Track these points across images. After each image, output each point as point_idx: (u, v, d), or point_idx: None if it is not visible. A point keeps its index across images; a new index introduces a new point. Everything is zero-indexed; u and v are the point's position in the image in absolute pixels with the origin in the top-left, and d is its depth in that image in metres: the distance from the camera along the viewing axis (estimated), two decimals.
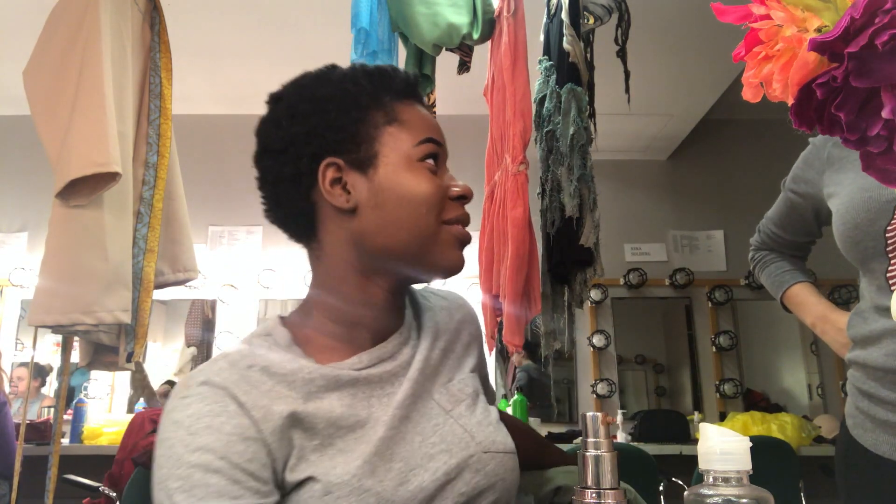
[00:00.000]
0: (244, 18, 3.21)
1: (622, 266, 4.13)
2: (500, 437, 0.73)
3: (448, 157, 0.75)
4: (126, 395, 3.83)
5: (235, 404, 0.60)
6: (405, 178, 0.68)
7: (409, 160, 0.69)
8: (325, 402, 0.65)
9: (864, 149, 0.46)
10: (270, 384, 0.63)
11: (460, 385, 0.75)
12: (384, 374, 0.70)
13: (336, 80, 0.73)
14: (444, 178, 0.72)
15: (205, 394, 0.61)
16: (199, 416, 0.59)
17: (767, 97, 0.50)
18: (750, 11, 0.49)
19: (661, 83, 3.57)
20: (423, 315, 0.79)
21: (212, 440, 0.58)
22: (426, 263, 0.70)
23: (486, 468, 0.69)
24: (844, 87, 0.43)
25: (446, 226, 0.70)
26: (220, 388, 0.61)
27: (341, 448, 0.63)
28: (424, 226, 0.68)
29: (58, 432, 1.82)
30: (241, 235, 4.03)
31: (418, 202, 0.68)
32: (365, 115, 0.70)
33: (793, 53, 0.47)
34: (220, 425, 0.59)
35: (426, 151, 0.70)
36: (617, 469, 0.52)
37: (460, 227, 0.71)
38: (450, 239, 0.70)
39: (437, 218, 0.69)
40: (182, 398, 0.61)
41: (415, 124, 0.71)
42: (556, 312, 1.91)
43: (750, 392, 4.05)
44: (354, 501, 0.61)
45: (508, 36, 1.89)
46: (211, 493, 0.56)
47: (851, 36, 0.42)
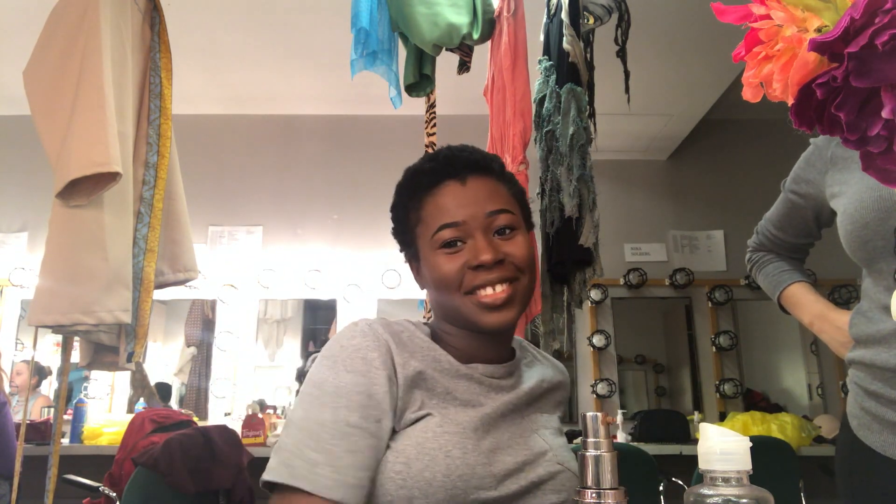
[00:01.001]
0: (244, 18, 3.21)
1: (622, 266, 4.13)
2: (573, 462, 0.85)
3: (482, 219, 0.83)
4: (126, 395, 3.82)
5: (386, 349, 0.78)
6: (430, 265, 0.84)
7: (432, 251, 0.84)
8: (446, 380, 0.80)
9: (864, 149, 0.46)
10: (412, 348, 0.80)
11: (550, 420, 0.90)
12: (493, 384, 0.84)
13: (399, 187, 0.90)
14: (466, 252, 0.82)
15: (367, 332, 0.79)
16: (359, 348, 0.77)
17: (767, 97, 0.50)
18: (750, 11, 0.49)
19: (661, 83, 3.57)
20: (534, 363, 0.95)
21: (363, 368, 0.76)
22: (469, 327, 0.84)
23: (555, 476, 0.82)
24: (844, 87, 0.43)
25: (469, 296, 0.81)
26: (379, 334, 0.79)
27: (454, 411, 0.79)
28: (450, 300, 0.83)
29: (58, 432, 1.82)
30: (241, 235, 4.03)
31: (440, 283, 0.83)
32: (405, 220, 0.88)
33: (793, 53, 0.47)
34: (373, 359, 0.76)
35: (441, 239, 0.83)
36: (617, 469, 0.52)
37: (484, 293, 0.81)
38: (473, 308, 0.81)
39: (457, 291, 0.82)
40: (350, 331, 0.79)
41: (433, 216, 0.84)
42: (555, 312, 1.91)
43: (750, 392, 4.05)
44: (457, 442, 0.75)
45: (508, 36, 1.89)
46: (351, 404, 0.74)
47: (851, 36, 0.42)
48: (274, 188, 4.09)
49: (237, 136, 4.19)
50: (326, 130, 4.17)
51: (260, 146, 4.18)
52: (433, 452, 0.74)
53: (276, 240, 4.03)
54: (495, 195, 0.85)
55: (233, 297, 3.94)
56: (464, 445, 0.75)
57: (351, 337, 0.78)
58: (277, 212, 4.04)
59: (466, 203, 0.83)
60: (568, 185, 1.75)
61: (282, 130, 4.19)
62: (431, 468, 0.73)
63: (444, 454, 0.74)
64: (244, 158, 4.16)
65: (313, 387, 0.76)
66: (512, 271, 0.82)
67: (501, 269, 0.81)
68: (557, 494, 0.81)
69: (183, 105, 2.48)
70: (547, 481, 0.80)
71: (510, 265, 0.82)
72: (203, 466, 1.64)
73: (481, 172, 0.87)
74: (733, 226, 4.26)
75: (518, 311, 0.84)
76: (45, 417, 3.53)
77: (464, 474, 0.74)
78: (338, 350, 0.77)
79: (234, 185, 4.11)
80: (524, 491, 0.78)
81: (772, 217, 1.33)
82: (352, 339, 0.78)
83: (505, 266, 0.82)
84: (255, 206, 4.06)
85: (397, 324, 0.84)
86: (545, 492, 0.80)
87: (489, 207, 0.83)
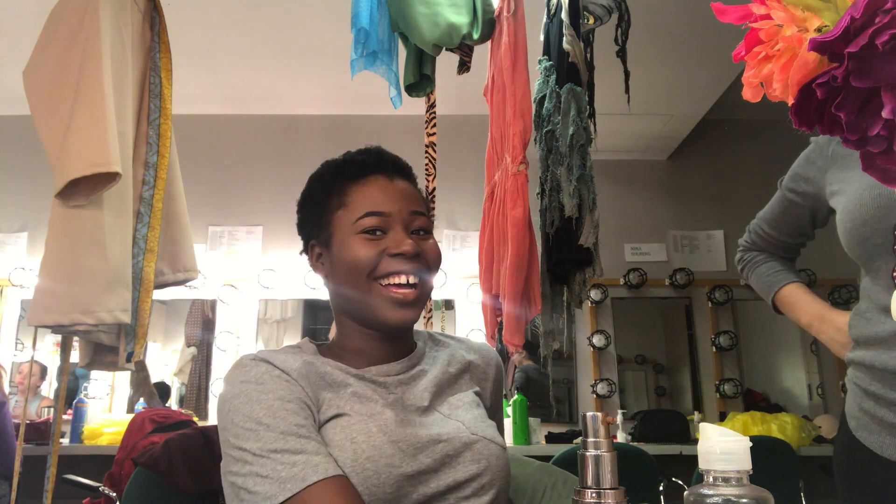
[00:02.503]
0: (244, 18, 3.21)
1: (622, 266, 4.13)
2: (493, 433, 0.86)
3: (406, 216, 0.88)
4: (126, 395, 3.82)
5: (278, 370, 0.80)
6: (347, 248, 0.85)
7: (350, 234, 0.86)
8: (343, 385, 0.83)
9: (864, 149, 0.46)
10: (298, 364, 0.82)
11: (463, 396, 0.90)
12: (389, 381, 0.86)
13: (312, 180, 0.94)
14: (386, 241, 0.85)
15: (257, 363, 0.81)
16: (262, 373, 0.79)
17: (767, 97, 0.50)
18: (750, 11, 0.49)
19: (661, 83, 3.57)
20: (442, 350, 0.96)
21: (278, 384, 0.78)
22: (370, 322, 0.87)
23: (471, 446, 0.82)
24: (844, 87, 0.43)
25: (378, 284, 0.84)
26: (262, 360, 0.81)
27: (358, 407, 0.81)
28: (357, 287, 0.85)
29: (57, 432, 1.82)
30: (241, 235, 4.03)
31: (353, 266, 0.85)
32: (324, 204, 0.90)
33: (793, 53, 0.47)
34: (278, 375, 0.79)
35: (364, 225, 0.85)
36: (617, 469, 0.51)
37: (395, 282, 0.84)
38: (380, 299, 0.84)
39: (368, 277, 0.84)
40: (242, 367, 0.81)
41: (359, 202, 0.87)
42: (555, 312, 1.91)
43: (750, 392, 4.05)
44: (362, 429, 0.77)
45: (508, 36, 1.89)
46: (293, 410, 0.76)
47: (851, 36, 0.42)
48: (274, 188, 4.09)
49: (237, 136, 4.19)
50: (326, 130, 4.17)
51: (260, 146, 4.18)
52: (341, 443, 0.76)
53: (276, 240, 4.03)
54: (416, 199, 0.91)
55: (233, 297, 3.94)
56: (368, 430, 0.77)
57: (247, 371, 0.80)
58: (277, 212, 4.03)
59: (393, 198, 0.88)
60: (568, 185, 1.75)
61: (282, 130, 4.19)
62: (340, 457, 0.75)
63: (349, 441, 0.76)
64: (244, 158, 4.16)
65: (247, 423, 0.75)
66: (425, 267, 0.87)
67: (417, 263, 0.86)
68: (477, 464, 0.81)
69: (183, 105, 2.48)
70: (463, 452, 0.81)
71: (424, 262, 0.87)
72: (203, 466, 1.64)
73: (405, 177, 0.93)
74: (733, 226, 4.26)
75: (419, 311, 0.87)
76: (45, 417, 3.53)
77: (371, 455, 0.75)
78: (243, 387, 0.78)
79: (234, 185, 4.11)
80: (440, 463, 0.79)
81: (766, 215, 1.32)
82: (248, 371, 0.80)
83: (420, 260, 0.86)
84: (255, 206, 4.05)
85: (275, 351, 0.85)
86: (463, 462, 0.81)
87: (412, 207, 0.89)
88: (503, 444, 0.87)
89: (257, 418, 0.74)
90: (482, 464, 0.82)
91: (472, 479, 0.81)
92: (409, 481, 0.77)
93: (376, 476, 0.75)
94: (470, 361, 0.96)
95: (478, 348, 1.00)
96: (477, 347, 1.00)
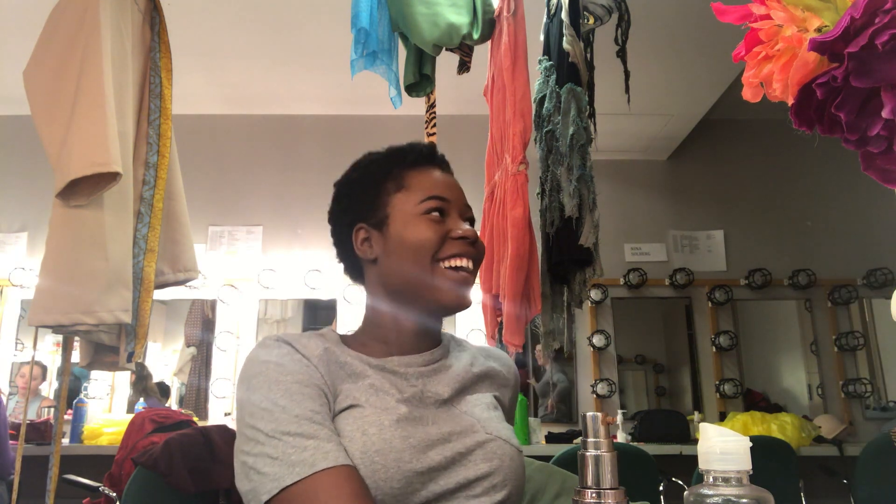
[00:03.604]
0: (244, 18, 3.21)
1: (622, 266, 4.13)
2: (508, 434, 0.86)
3: (462, 205, 0.92)
4: (126, 395, 3.82)
5: (299, 354, 0.81)
6: (408, 229, 0.87)
7: (414, 215, 0.88)
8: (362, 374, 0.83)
9: (864, 149, 0.46)
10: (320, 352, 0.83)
11: (481, 397, 0.90)
12: (410, 372, 0.86)
13: (362, 165, 0.95)
14: (449, 224, 0.89)
15: (280, 343, 0.82)
16: (283, 355, 0.80)
17: (767, 97, 0.50)
18: (750, 11, 0.49)
19: (661, 83, 3.57)
20: (464, 351, 0.96)
21: (298, 367, 0.79)
22: (427, 301, 0.87)
23: (484, 445, 0.82)
24: (844, 87, 0.43)
25: (442, 265, 0.86)
26: (285, 342, 0.82)
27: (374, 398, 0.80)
28: (419, 266, 0.86)
29: (58, 432, 1.82)
30: (241, 235, 4.03)
31: (419, 246, 0.86)
32: (379, 187, 0.91)
33: (793, 53, 0.47)
34: (299, 359, 0.80)
35: (429, 206, 0.88)
36: (617, 469, 0.51)
37: (457, 265, 0.87)
38: (441, 279, 0.86)
39: (430, 258, 0.86)
40: (265, 347, 0.81)
41: (422, 186, 0.90)
42: (555, 312, 1.91)
43: (750, 392, 4.04)
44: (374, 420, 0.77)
45: (508, 36, 1.89)
46: (310, 395, 0.76)
47: (851, 36, 0.42)
48: (274, 188, 4.09)
49: (237, 136, 4.19)
50: (326, 130, 4.17)
51: (260, 146, 4.18)
52: (352, 434, 0.76)
53: (276, 240, 4.03)
54: (464, 194, 0.95)
55: (233, 297, 3.94)
56: (380, 423, 0.77)
57: (269, 351, 0.80)
58: (277, 212, 4.04)
59: (451, 187, 0.92)
60: (568, 185, 1.75)
61: (282, 130, 4.19)
62: (350, 448, 0.75)
63: (360, 433, 0.76)
64: (244, 158, 4.16)
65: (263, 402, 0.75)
66: (479, 254, 0.91)
67: (475, 248, 0.90)
68: (488, 463, 0.80)
69: (183, 105, 2.47)
70: (475, 450, 0.80)
71: (479, 249, 0.91)
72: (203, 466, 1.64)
73: (452, 174, 0.97)
74: (733, 226, 4.26)
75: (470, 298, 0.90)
76: (45, 417, 3.53)
77: (381, 449, 0.75)
78: (263, 367, 0.78)
79: (234, 185, 4.11)
80: (451, 461, 0.78)
81: None
82: (270, 352, 0.80)
83: (477, 246, 0.90)
84: (255, 206, 4.05)
85: (298, 335, 0.85)
86: (475, 461, 0.80)
87: (465, 200, 0.93)
88: (519, 447, 0.86)
89: (274, 399, 0.74)
90: (494, 463, 0.81)
91: (482, 477, 0.79)
92: (418, 478, 0.76)
93: (384, 470, 0.74)
94: (491, 367, 0.96)
95: (497, 356, 1.01)
96: (497, 355, 1.01)
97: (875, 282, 4.00)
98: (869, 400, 3.96)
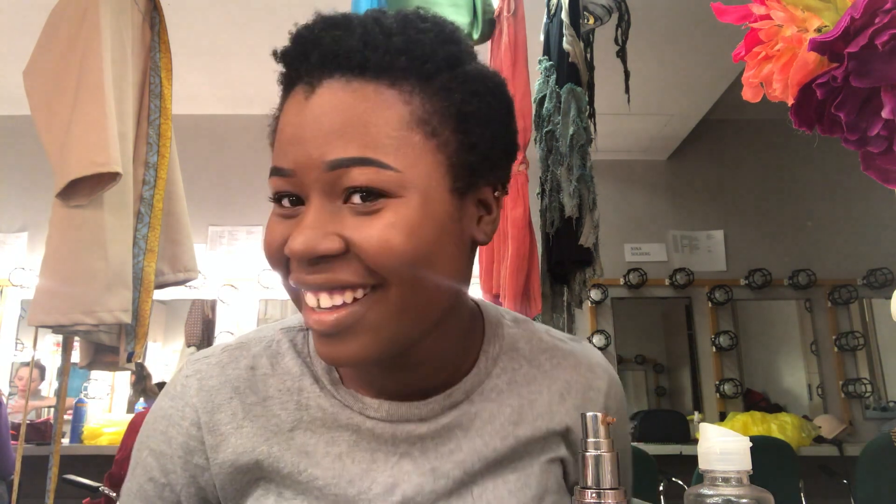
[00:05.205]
0: (244, 18, 3.21)
1: (622, 266, 4.13)
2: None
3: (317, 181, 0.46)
4: (126, 395, 3.82)
5: (178, 417, 0.55)
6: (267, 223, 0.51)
7: (271, 199, 0.50)
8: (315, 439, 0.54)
9: (864, 149, 0.46)
10: (265, 396, 0.55)
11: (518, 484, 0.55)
12: (397, 433, 0.54)
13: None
14: (297, 223, 0.47)
15: (176, 387, 0.57)
16: (166, 409, 0.57)
17: (767, 97, 0.50)
18: (750, 11, 0.49)
19: (661, 83, 3.57)
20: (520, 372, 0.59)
21: (161, 448, 0.56)
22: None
23: None
24: (844, 87, 0.43)
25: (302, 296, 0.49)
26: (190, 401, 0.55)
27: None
28: (289, 293, 0.51)
29: (58, 432, 1.82)
30: (241, 235, 4.03)
31: (267, 258, 0.50)
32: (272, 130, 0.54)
33: (793, 53, 0.47)
34: (174, 431, 0.55)
35: (271, 189, 0.49)
36: (617, 469, 0.51)
37: (308, 303, 0.48)
38: (308, 321, 0.49)
39: (285, 279, 0.50)
40: (174, 378, 0.58)
41: (277, 143, 0.50)
42: (555, 312, 1.91)
43: (750, 392, 4.05)
44: None
45: (508, 36, 1.89)
46: (143, 495, 0.56)
47: (851, 36, 0.42)
48: None
49: (238, 136, 4.19)
50: None
51: (260, 146, 4.13)
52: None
53: None
54: (359, 122, 0.46)
55: (233, 297, 3.94)
56: None
57: (167, 390, 0.58)
58: None
59: (303, 135, 0.47)
60: (568, 185, 1.75)
61: None
62: None
63: None
64: (244, 158, 4.16)
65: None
66: (357, 273, 0.46)
67: (327, 270, 0.46)
68: None
69: (183, 105, 2.47)
70: None
71: (356, 262, 0.46)
72: None
73: (348, 71, 0.47)
74: (733, 226, 4.26)
75: (382, 338, 0.47)
76: (45, 417, 3.53)
77: None
78: (150, 414, 0.58)
79: (234, 185, 4.11)
80: None
81: None
82: (165, 393, 0.58)
83: (339, 264, 0.46)
84: (255, 206, 4.05)
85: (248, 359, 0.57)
86: None
87: (334, 152, 0.45)
88: None
89: (132, 487, 0.56)
90: None
91: None
92: None
93: None
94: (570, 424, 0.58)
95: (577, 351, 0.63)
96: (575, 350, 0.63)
97: (875, 282, 4.00)
98: (869, 400, 3.96)
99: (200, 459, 0.54)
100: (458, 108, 0.48)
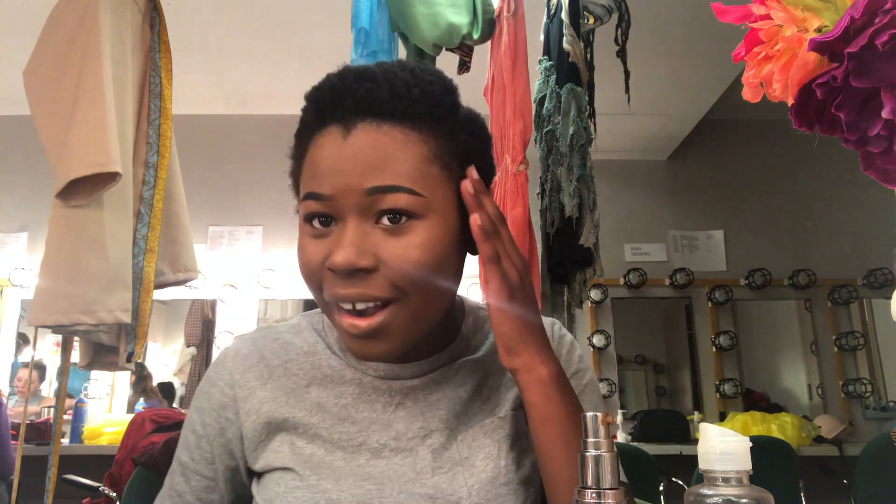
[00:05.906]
0: (244, 18, 3.21)
1: (622, 266, 4.13)
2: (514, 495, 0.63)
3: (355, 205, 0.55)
4: (126, 395, 3.82)
5: (223, 382, 0.66)
6: (298, 243, 0.60)
7: (302, 221, 0.59)
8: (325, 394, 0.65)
9: (864, 149, 0.46)
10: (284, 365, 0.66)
11: (493, 426, 0.65)
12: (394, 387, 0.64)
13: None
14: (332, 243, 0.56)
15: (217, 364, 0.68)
16: (214, 375, 0.67)
17: (767, 97, 0.50)
18: (750, 11, 0.49)
19: (661, 83, 3.57)
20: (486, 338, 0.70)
21: (209, 407, 0.66)
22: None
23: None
24: (844, 87, 0.43)
25: (333, 306, 0.58)
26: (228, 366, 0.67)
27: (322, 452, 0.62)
28: (318, 300, 0.61)
29: (58, 432, 1.82)
30: (241, 235, 4.03)
31: (302, 273, 0.59)
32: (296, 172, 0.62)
33: (793, 53, 0.47)
34: (219, 392, 0.66)
35: (305, 211, 0.58)
36: (617, 469, 0.51)
37: (343, 308, 0.57)
38: (339, 326, 0.58)
39: (320, 294, 0.59)
40: (227, 347, 0.70)
41: (310, 172, 0.57)
42: (555, 312, 1.91)
43: (750, 392, 4.05)
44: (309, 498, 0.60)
45: (508, 36, 1.89)
46: (191, 463, 0.66)
47: (851, 36, 0.42)
48: (274, 188, 4.08)
49: (237, 136, 4.19)
50: None
51: (260, 146, 4.17)
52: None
53: (276, 240, 4.03)
54: (391, 158, 0.55)
55: (233, 297, 3.94)
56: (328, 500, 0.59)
57: (219, 357, 0.69)
58: (277, 212, 4.03)
59: (342, 167, 0.55)
60: (568, 185, 1.75)
61: (282, 130, 4.15)
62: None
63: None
64: (244, 158, 4.16)
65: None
66: (383, 288, 0.55)
67: (363, 283, 0.55)
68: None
69: (183, 105, 2.47)
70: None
71: (383, 278, 0.55)
72: None
73: (379, 116, 0.55)
74: (733, 226, 4.26)
75: (404, 338, 0.58)
76: (45, 417, 3.53)
77: None
78: (203, 380, 0.69)
79: (234, 185, 4.11)
80: None
81: None
82: (217, 361, 0.69)
83: (371, 279, 0.55)
84: (255, 206, 4.05)
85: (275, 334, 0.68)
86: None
87: (371, 181, 0.54)
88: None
89: (181, 438, 0.68)
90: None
91: None
92: None
93: None
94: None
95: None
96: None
97: (875, 282, 4.01)
98: (869, 400, 3.96)
99: (230, 413, 0.64)
100: (463, 146, 0.60)
